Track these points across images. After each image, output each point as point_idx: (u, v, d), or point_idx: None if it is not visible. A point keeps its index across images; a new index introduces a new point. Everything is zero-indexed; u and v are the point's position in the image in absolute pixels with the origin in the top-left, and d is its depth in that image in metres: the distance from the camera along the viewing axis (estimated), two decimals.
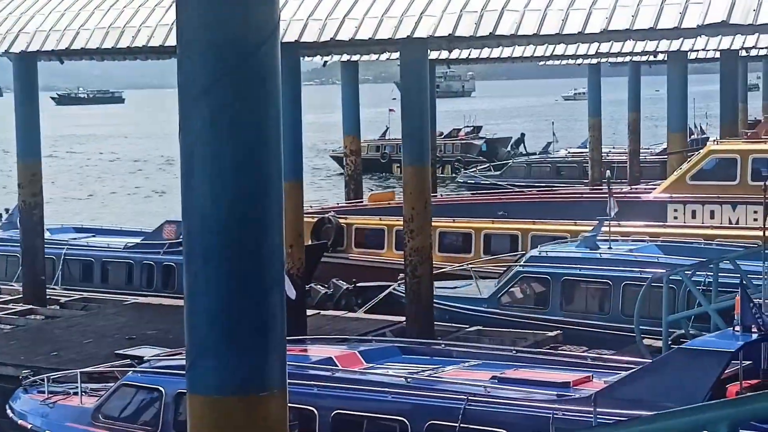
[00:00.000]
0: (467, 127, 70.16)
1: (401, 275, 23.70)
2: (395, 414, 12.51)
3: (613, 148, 53.16)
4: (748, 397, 7.77)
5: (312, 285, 24.29)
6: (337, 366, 13.47)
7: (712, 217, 26.44)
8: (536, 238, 25.16)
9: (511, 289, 21.84)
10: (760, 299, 13.96)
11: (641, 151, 46.54)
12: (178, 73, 6.73)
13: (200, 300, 6.81)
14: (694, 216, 26.71)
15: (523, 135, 73.78)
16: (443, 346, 14.82)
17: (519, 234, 26.49)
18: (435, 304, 20.97)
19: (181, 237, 6.96)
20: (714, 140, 29.83)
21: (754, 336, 11.76)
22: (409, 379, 12.80)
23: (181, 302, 7.09)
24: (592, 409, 11.09)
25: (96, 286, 26.67)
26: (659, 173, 39.82)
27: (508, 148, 69.37)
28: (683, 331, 17.24)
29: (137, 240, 27.36)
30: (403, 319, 21.29)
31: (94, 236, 29.02)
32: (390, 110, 76.75)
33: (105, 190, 64.02)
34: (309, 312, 21.75)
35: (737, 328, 11.79)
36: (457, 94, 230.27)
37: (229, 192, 6.67)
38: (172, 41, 19.55)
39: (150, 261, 26.25)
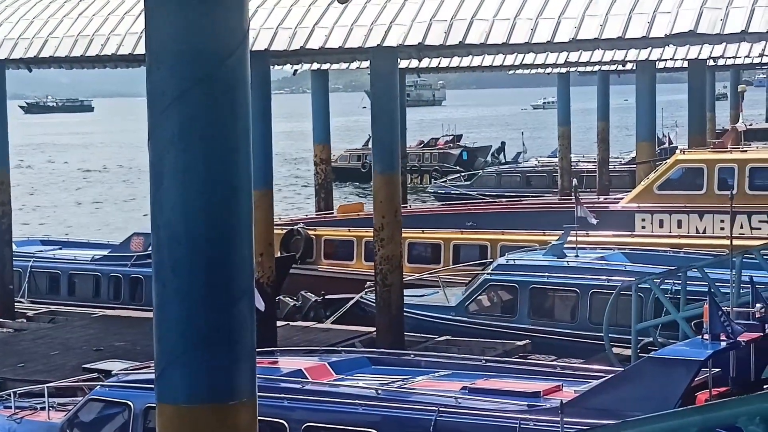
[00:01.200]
0: (446, 136, 70.09)
1: (368, 284, 23.71)
2: (366, 426, 12.47)
3: (583, 157, 53.36)
4: (715, 404, 7.82)
5: (280, 297, 24.24)
6: (307, 378, 13.42)
7: (679, 226, 26.60)
8: (505, 248, 25.22)
9: (479, 298, 21.87)
10: (729, 307, 14.04)
11: (611, 160, 46.71)
12: (147, 82, 6.71)
13: (169, 309, 6.78)
14: (661, 225, 26.87)
15: (503, 144, 73.58)
16: (413, 356, 14.79)
17: (488, 244, 26.52)
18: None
19: (149, 249, 6.96)
20: (681, 150, 30.04)
21: (723, 344, 11.82)
22: (379, 391, 12.77)
23: (149, 314, 7.07)
24: (561, 419, 11.09)
25: (63, 298, 26.41)
26: (628, 182, 39.99)
27: (488, 158, 69.15)
28: (651, 340, 17.34)
29: (104, 252, 27.12)
30: (372, 329, 21.28)
31: (60, 249, 28.74)
32: None
33: (73, 201, 63.68)
34: (278, 323, 21.70)
35: (706, 336, 11.85)
36: (427, 102, 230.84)
37: (198, 201, 6.66)
38: (141, 50, 19.50)
39: (117, 273, 26.01)
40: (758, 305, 13.09)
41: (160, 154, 6.69)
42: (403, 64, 33.69)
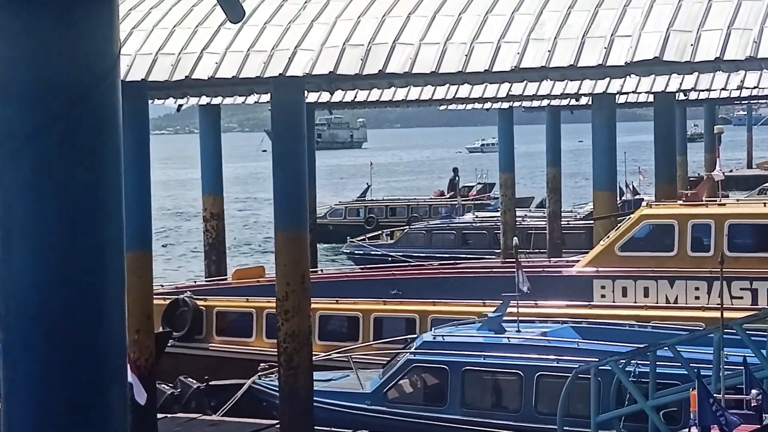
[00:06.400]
0: (479, 184, 69.92)
1: (262, 365, 23.55)
2: None
3: (530, 210, 53.68)
4: None
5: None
6: None
7: (645, 294, 26.80)
8: (437, 321, 25.21)
9: (400, 382, 21.76)
10: (718, 394, 14.05)
11: (563, 214, 46.94)
12: None
13: (21, 399, 6.70)
14: (624, 293, 27.06)
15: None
16: None
17: (416, 317, 26.50)
18: None
19: None
20: (647, 203, 30.31)
21: None
22: None
23: None
24: None
25: None
26: (585, 241, 40.28)
27: (531, 209, 68.52)
28: None
29: None
30: (274, 422, 21.13)
31: None
32: (371, 164, 77.30)
33: None
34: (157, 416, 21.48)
35: (694, 430, 11.86)
36: (344, 144, 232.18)
37: (56, 265, 6.60)
38: None
39: None
40: (753, 392, 13.12)
41: (9, 208, 6.63)
42: (312, 97, 33.75)
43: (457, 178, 71.96)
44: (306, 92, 21.73)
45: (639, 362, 18.08)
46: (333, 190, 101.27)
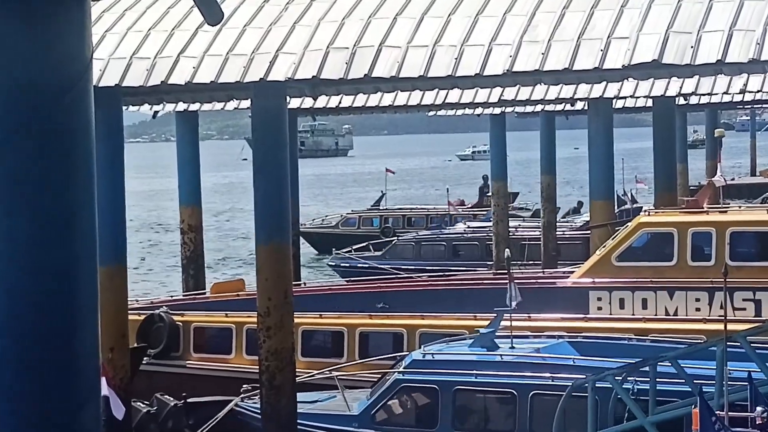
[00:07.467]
0: None
1: (245, 386, 23.52)
2: None
3: (523, 221, 53.70)
4: None
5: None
6: None
7: (644, 306, 26.81)
8: (426, 336, 25.18)
9: (389, 403, 21.72)
10: (721, 411, 14.03)
11: (558, 224, 46.96)
12: None
13: None
14: (622, 305, 27.06)
15: (580, 203, 72.99)
16: None
17: (404, 332, 26.48)
18: None
19: None
20: (646, 211, 30.30)
21: None
22: None
23: None
24: None
25: None
26: (581, 252, 40.29)
27: (562, 218, 68.00)
28: None
29: None
30: None
31: None
32: (387, 171, 77.01)
33: None
34: None
35: None
36: (329, 152, 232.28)
37: (26, 280, 6.59)
38: None
39: None
40: (758, 409, 13.09)
41: None
42: (294, 103, 33.77)
43: (487, 187, 71.54)
44: (288, 98, 21.75)
45: (637, 377, 18.10)
46: (318, 200, 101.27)
